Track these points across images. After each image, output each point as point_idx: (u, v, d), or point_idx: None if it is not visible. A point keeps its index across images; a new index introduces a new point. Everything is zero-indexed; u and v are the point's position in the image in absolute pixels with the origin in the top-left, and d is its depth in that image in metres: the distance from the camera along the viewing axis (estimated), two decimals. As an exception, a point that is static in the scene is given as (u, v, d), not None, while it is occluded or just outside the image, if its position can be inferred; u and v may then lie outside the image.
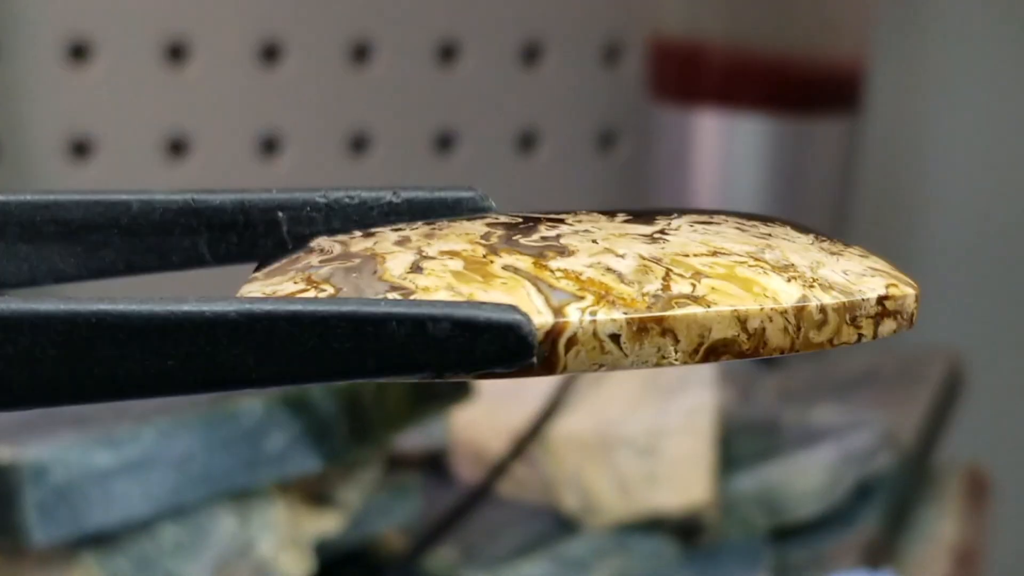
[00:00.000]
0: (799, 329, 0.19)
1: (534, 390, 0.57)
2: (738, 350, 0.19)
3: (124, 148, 0.72)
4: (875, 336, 0.20)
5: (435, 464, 0.58)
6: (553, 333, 0.19)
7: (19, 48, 0.68)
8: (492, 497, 0.57)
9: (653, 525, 0.55)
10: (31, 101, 0.68)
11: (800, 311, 0.20)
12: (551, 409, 0.56)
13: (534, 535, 0.55)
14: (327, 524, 0.49)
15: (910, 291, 0.21)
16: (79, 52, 0.69)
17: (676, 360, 0.19)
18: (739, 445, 0.58)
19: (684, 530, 0.56)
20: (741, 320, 0.19)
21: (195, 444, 0.44)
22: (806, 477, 0.57)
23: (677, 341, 0.19)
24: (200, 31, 0.71)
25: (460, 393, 0.50)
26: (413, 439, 0.56)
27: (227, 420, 0.45)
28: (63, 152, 0.71)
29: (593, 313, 0.19)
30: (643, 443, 0.55)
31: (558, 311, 0.19)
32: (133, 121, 0.70)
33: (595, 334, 0.19)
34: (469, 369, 0.19)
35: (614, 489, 0.55)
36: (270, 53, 0.74)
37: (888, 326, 0.20)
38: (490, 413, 0.56)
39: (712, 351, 0.19)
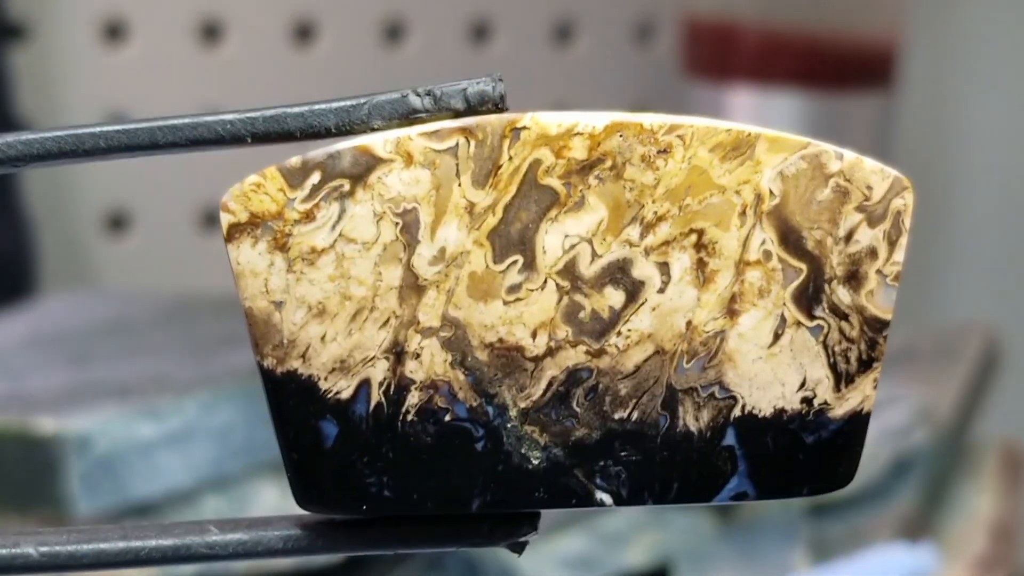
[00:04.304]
0: None
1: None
2: None
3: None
4: None
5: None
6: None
7: (54, 29, 0.68)
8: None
9: (690, 499, 0.55)
10: (66, 81, 0.69)
11: None
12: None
13: (571, 509, 0.55)
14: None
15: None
16: (115, 32, 0.69)
17: None
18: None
19: (721, 505, 0.56)
20: None
21: (236, 416, 0.45)
22: (843, 452, 0.57)
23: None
24: (234, 10, 0.71)
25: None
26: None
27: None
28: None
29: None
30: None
31: None
32: (168, 99, 0.71)
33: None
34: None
35: (651, 464, 0.55)
36: (304, 33, 0.74)
37: None
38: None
39: None
